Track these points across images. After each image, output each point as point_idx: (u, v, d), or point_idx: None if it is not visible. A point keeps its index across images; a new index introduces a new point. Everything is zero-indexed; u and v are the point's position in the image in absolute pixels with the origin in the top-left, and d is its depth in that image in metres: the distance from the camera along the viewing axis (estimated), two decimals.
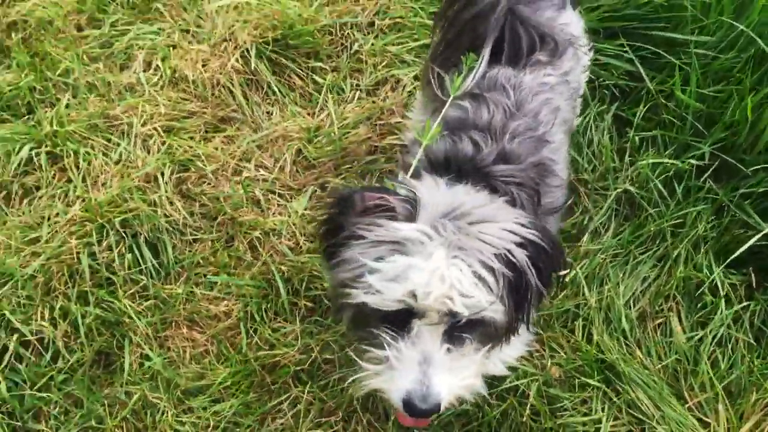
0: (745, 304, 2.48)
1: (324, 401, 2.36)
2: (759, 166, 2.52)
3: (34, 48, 3.15)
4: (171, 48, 3.12)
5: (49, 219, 2.66)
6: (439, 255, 1.45)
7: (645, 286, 2.53)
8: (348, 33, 3.17)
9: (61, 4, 3.25)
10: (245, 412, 2.35)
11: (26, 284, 2.50)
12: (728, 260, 2.49)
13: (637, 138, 2.76)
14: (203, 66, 3.04)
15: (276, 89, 3.03)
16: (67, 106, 2.95)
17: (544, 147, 1.85)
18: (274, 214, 2.74)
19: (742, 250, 2.42)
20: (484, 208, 1.55)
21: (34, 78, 3.01)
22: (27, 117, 2.96)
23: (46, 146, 2.82)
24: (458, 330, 1.53)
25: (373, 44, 3.12)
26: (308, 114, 3.00)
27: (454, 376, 1.56)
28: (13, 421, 2.35)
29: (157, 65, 3.08)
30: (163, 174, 2.77)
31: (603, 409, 2.32)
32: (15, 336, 2.42)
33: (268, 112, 3.01)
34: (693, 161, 2.63)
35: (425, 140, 1.76)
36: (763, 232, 2.41)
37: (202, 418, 2.33)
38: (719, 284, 2.47)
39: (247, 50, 3.04)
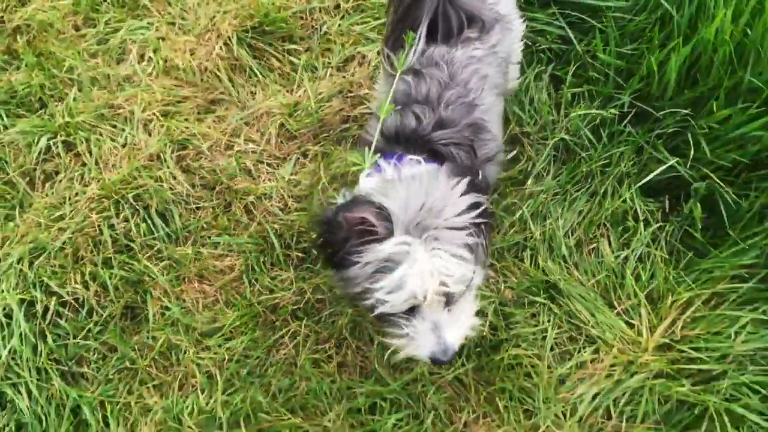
0: (660, 224, 2.70)
1: (318, 332, 2.58)
2: (667, 111, 2.72)
3: (39, 49, 3.27)
4: (161, 40, 3.24)
5: (70, 199, 2.86)
6: (420, 254, 1.63)
7: (580, 218, 2.73)
8: (317, 16, 3.29)
9: (58, 7, 3.37)
10: (254, 346, 2.57)
11: (58, 255, 2.73)
12: (638, 184, 2.71)
13: (569, 93, 2.91)
14: (191, 55, 3.19)
15: (257, 71, 3.16)
16: (74, 99, 3.10)
17: (476, 109, 2.04)
18: (264, 180, 2.90)
19: (650, 177, 2.67)
20: (437, 193, 1.70)
21: (42, 76, 3.16)
22: (40, 111, 3.12)
23: (61, 136, 2.99)
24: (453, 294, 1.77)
25: (339, 25, 3.24)
26: (287, 91, 3.12)
27: (459, 326, 1.84)
28: (61, 366, 2.59)
29: (150, 57, 3.22)
30: (164, 153, 2.93)
31: (548, 321, 2.55)
32: (54, 298, 2.66)
33: (252, 92, 3.14)
34: (615, 110, 2.80)
35: (382, 114, 1.99)
36: (669, 164, 2.66)
37: (218, 354, 2.56)
38: (639, 211, 2.69)
39: (229, 38, 3.18)
